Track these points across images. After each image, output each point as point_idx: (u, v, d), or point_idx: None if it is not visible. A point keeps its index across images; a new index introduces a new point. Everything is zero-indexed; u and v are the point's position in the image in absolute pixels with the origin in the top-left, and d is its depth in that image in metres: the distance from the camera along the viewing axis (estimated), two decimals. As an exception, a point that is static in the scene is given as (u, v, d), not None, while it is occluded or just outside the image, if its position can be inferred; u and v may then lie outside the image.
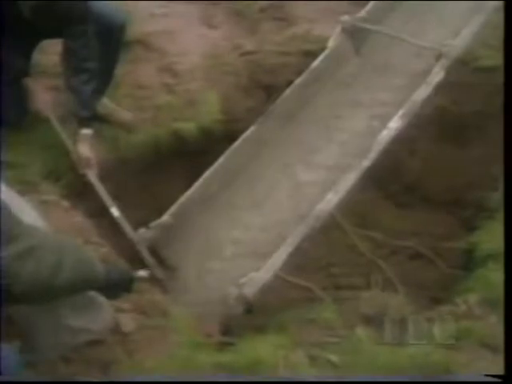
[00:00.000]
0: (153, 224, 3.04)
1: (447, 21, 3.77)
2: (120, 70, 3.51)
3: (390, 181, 3.64)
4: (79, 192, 3.16)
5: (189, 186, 3.43)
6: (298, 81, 3.53)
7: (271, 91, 3.73)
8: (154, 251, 3.05)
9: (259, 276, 2.74)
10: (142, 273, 2.33)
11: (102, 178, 3.27)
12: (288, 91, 3.50)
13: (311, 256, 3.18)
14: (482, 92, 3.66)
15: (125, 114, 3.51)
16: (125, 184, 3.40)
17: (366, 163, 3.09)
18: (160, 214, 3.25)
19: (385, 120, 3.28)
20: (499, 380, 2.00)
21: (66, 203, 2.98)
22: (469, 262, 3.07)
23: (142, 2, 4.20)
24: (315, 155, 3.42)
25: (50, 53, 3.87)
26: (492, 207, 3.22)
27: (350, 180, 3.05)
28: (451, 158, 3.69)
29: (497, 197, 3.20)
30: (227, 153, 3.33)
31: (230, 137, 3.52)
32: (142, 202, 3.43)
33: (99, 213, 3.15)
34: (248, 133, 3.39)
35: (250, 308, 2.72)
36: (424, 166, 3.67)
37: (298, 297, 3.02)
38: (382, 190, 3.67)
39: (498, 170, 2.91)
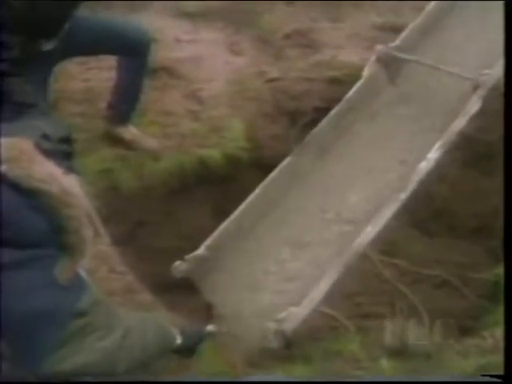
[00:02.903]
0: (188, 256, 3.01)
1: (483, 48, 3.73)
2: (146, 97, 3.53)
3: (417, 208, 3.61)
4: (103, 219, 3.16)
5: (213, 212, 3.44)
6: (333, 111, 3.50)
7: (296, 118, 3.73)
8: (190, 283, 3.03)
9: (298, 311, 2.70)
10: (211, 327, 2.44)
11: (127, 204, 3.29)
12: (323, 122, 3.47)
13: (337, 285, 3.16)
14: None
15: (150, 142, 3.53)
16: (149, 211, 3.41)
17: (404, 196, 3.06)
18: (185, 240, 3.26)
19: (421, 151, 3.24)
20: (499, 380, 1.98)
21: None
22: (496, 292, 3.03)
23: (169, 28, 4.25)
24: (353, 187, 3.39)
25: (77, 79, 3.92)
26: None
27: (388, 213, 3.02)
28: (478, 186, 3.65)
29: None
30: (263, 184, 3.27)
31: (255, 164, 3.53)
32: (167, 229, 3.43)
33: (124, 240, 3.16)
34: (284, 164, 3.35)
35: (288, 343, 2.69)
36: (451, 194, 3.63)
37: (322, 325, 2.99)
38: (409, 217, 3.64)
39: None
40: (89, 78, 3.97)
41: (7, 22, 2.76)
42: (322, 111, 3.66)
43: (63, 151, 1.78)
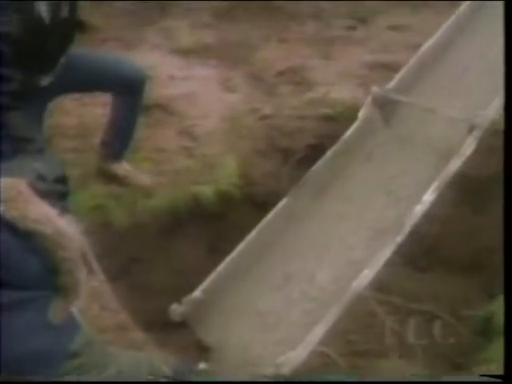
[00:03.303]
0: (185, 299, 3.00)
1: (478, 89, 3.76)
2: (139, 134, 3.56)
3: (408, 244, 3.62)
4: (96, 255, 3.16)
5: (206, 249, 3.44)
6: (329, 153, 3.48)
7: (289, 155, 3.75)
8: (186, 326, 3.02)
9: (297, 355, 2.67)
10: (203, 365, 2.42)
11: (119, 240, 3.29)
12: (319, 163, 3.45)
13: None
14: (500, 156, 3.65)
15: (143, 178, 3.54)
16: (142, 247, 3.41)
17: (401, 238, 3.07)
18: (177, 277, 3.26)
19: (416, 193, 3.26)
20: (499, 380, 1.98)
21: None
22: (488, 329, 3.03)
23: (163, 65, 4.29)
24: (349, 229, 3.39)
25: (71, 114, 3.95)
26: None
27: (385, 255, 3.02)
28: (470, 222, 3.67)
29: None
30: (259, 226, 3.24)
31: (248, 200, 3.54)
32: (160, 265, 3.43)
33: (116, 277, 3.16)
34: (280, 205, 3.32)
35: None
36: (443, 230, 3.65)
37: (314, 362, 2.98)
38: (400, 254, 3.65)
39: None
40: (83, 113, 4.00)
41: (6, 56, 2.79)
42: (315, 148, 3.70)
43: (58, 191, 1.79)
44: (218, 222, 3.51)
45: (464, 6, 4.06)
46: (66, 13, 3.00)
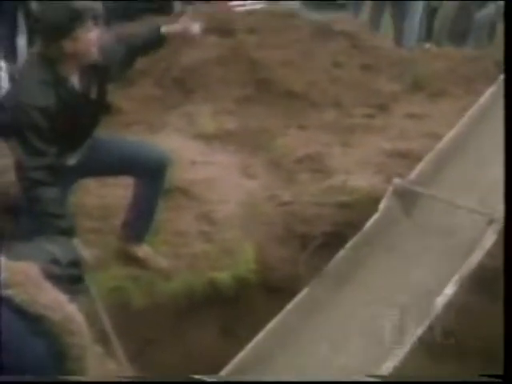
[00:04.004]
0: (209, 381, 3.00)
1: (499, 180, 3.79)
2: (159, 217, 3.62)
3: (424, 332, 3.61)
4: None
5: (221, 333, 3.46)
6: (349, 243, 3.55)
7: (306, 242, 3.78)
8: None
9: None
10: None
11: (137, 322, 3.32)
12: (340, 253, 3.51)
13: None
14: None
15: (161, 261, 3.58)
16: (158, 329, 3.43)
17: (421, 330, 3.09)
18: (191, 359, 3.26)
19: (437, 284, 3.28)
20: (499, 380, 1.95)
21: (98, 349, 3.00)
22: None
23: (185, 149, 4.37)
24: (371, 320, 3.38)
25: (93, 195, 4.02)
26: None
27: (406, 347, 3.04)
28: (486, 311, 3.66)
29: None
30: (281, 314, 3.28)
31: (264, 286, 3.57)
32: (174, 347, 3.44)
33: (132, 357, 3.17)
34: (300, 296, 3.37)
35: None
36: (459, 318, 3.64)
37: None
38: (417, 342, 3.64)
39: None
40: (104, 194, 4.06)
41: (43, 130, 2.90)
42: (332, 235, 3.73)
43: (71, 275, 1.82)
44: (233, 307, 3.53)
45: (484, 97, 4.16)
46: (95, 94, 3.13)
